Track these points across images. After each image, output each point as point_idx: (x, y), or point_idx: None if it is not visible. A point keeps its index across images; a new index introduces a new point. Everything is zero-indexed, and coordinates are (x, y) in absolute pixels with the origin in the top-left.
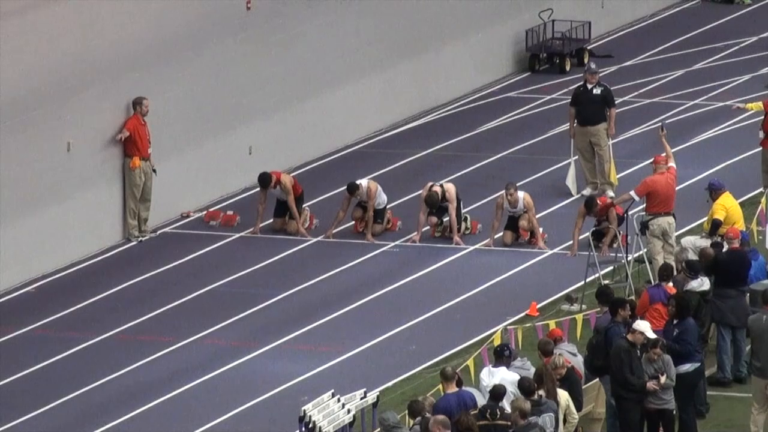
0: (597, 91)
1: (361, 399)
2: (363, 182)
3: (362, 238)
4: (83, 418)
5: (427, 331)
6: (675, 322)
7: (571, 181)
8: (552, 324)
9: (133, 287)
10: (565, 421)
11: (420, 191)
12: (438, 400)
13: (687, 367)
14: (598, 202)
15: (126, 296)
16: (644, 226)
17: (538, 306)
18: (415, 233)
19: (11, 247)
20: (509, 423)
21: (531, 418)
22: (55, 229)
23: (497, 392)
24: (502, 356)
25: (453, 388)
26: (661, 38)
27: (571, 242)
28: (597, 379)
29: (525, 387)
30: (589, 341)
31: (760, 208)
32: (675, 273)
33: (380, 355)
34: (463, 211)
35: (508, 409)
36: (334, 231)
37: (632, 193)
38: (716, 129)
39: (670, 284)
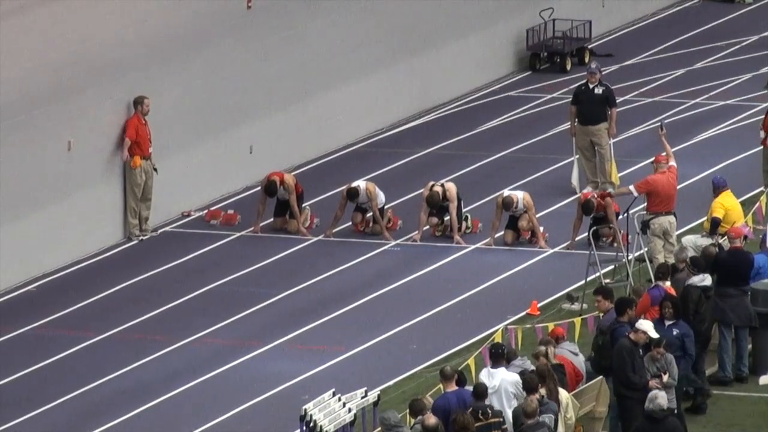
0: (598, 90)
1: (362, 398)
2: (361, 184)
3: (363, 237)
4: (84, 417)
5: (427, 331)
6: (671, 323)
7: (576, 180)
8: (551, 324)
9: (133, 286)
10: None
11: (421, 190)
12: (437, 399)
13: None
14: (594, 202)
15: (127, 295)
16: (645, 225)
17: (539, 305)
18: (416, 232)
19: (12, 246)
20: (501, 419)
21: (540, 417)
22: (55, 228)
23: (480, 390)
24: (499, 356)
25: (452, 387)
26: (662, 37)
27: (571, 239)
28: (597, 379)
29: (527, 383)
30: (594, 342)
31: (757, 205)
32: (675, 272)
33: (381, 354)
34: (463, 210)
35: (496, 405)
36: (334, 231)
37: (632, 187)
38: (717, 128)
39: (668, 284)
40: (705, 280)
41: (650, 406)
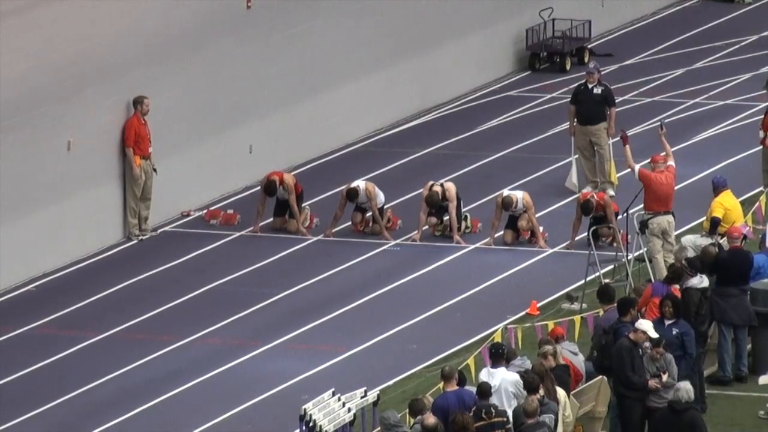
0: (597, 90)
1: (362, 398)
2: (360, 184)
3: (363, 237)
4: (84, 416)
5: (427, 330)
6: (671, 322)
7: (573, 181)
8: (551, 324)
9: (133, 286)
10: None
11: (420, 190)
12: (437, 398)
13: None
14: (593, 202)
15: (126, 295)
16: (644, 225)
17: (539, 305)
18: (416, 232)
19: (12, 246)
20: (505, 419)
21: (540, 417)
22: (55, 228)
23: (484, 390)
24: (498, 356)
25: (453, 387)
26: (662, 37)
27: (571, 238)
28: (596, 379)
29: (529, 383)
30: (597, 341)
31: (757, 205)
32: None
33: (381, 353)
34: (463, 210)
35: (500, 405)
36: (333, 230)
37: (637, 167)
38: (716, 128)
39: (677, 286)
40: (703, 281)
41: (673, 397)
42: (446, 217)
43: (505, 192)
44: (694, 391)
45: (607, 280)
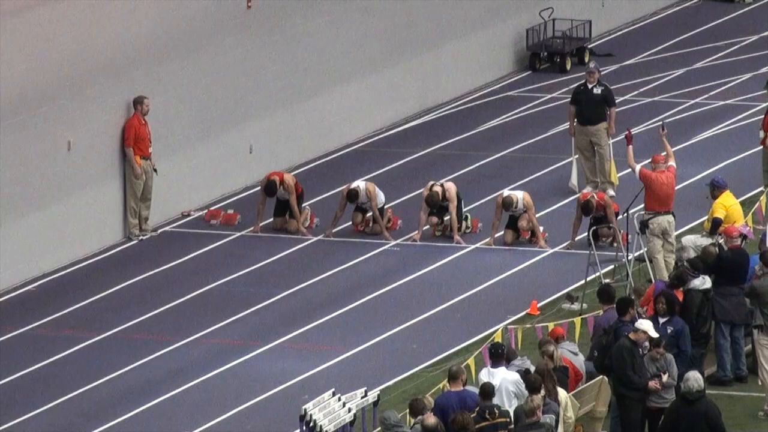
0: (597, 90)
1: (362, 398)
2: (360, 184)
3: (363, 237)
4: (84, 416)
5: (427, 330)
6: (665, 319)
7: (573, 181)
8: (551, 324)
9: (133, 286)
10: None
11: (421, 190)
12: (438, 397)
13: None
14: (593, 202)
15: (127, 295)
16: (644, 225)
17: (539, 305)
18: (416, 232)
19: (12, 246)
20: (508, 420)
21: (541, 417)
22: (56, 228)
23: (487, 390)
24: (498, 356)
25: (458, 387)
26: (662, 37)
27: (571, 238)
28: (597, 379)
29: (530, 383)
30: (598, 341)
31: (757, 205)
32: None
33: (381, 353)
34: (463, 209)
35: (501, 405)
36: (334, 230)
37: (638, 167)
38: (717, 128)
39: (681, 289)
40: (705, 283)
41: (683, 388)
42: (447, 217)
43: (506, 192)
44: None
45: (607, 280)
